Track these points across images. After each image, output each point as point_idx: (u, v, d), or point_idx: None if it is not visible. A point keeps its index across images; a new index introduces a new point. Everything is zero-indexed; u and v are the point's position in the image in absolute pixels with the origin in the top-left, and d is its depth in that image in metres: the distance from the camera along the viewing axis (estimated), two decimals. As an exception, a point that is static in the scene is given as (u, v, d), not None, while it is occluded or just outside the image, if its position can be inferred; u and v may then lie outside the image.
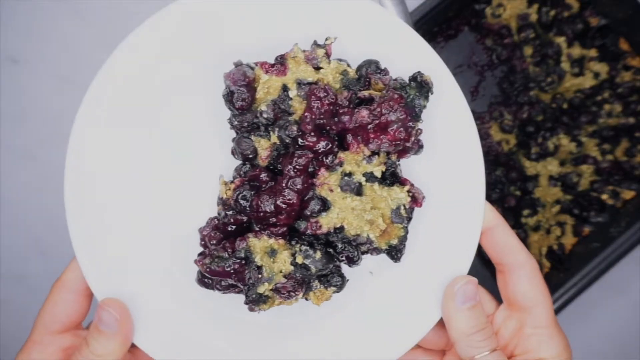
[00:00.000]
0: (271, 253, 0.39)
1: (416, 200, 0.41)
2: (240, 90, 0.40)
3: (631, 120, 0.74)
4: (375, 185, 0.40)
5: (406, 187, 0.40)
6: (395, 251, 0.41)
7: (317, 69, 0.40)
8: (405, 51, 0.42)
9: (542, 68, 0.76)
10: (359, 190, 0.40)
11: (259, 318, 0.43)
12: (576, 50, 0.75)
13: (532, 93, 0.76)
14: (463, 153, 0.42)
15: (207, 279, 0.40)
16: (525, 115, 0.76)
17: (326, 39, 0.41)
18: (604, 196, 0.74)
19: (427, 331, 0.42)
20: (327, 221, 0.39)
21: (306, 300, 0.41)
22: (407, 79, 0.40)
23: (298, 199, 0.39)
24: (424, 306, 0.42)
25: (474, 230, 0.42)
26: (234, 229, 0.41)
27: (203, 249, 0.41)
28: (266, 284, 0.39)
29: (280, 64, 0.40)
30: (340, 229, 0.39)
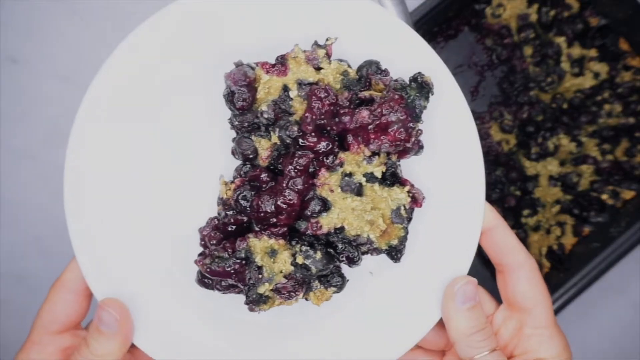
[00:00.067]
0: (271, 253, 0.39)
1: (416, 200, 0.41)
2: (241, 90, 0.40)
3: (631, 120, 0.74)
4: (376, 186, 0.40)
5: (406, 188, 0.40)
6: (395, 251, 0.41)
7: (318, 69, 0.40)
8: (406, 51, 0.42)
9: (542, 68, 0.76)
10: (359, 191, 0.40)
11: (259, 318, 0.43)
12: (576, 50, 0.75)
13: (532, 93, 0.76)
14: (463, 153, 0.42)
15: (207, 279, 0.40)
16: (525, 115, 0.76)
17: (327, 40, 0.40)
18: (604, 196, 0.74)
19: (427, 331, 0.42)
20: (328, 221, 0.39)
21: (306, 300, 0.41)
22: (408, 79, 0.40)
23: (298, 199, 0.39)
24: (423, 306, 0.42)
25: (473, 231, 0.42)
26: (234, 229, 0.41)
27: (203, 249, 0.41)
28: (266, 284, 0.39)
29: (281, 64, 0.40)
30: (341, 230, 0.39)
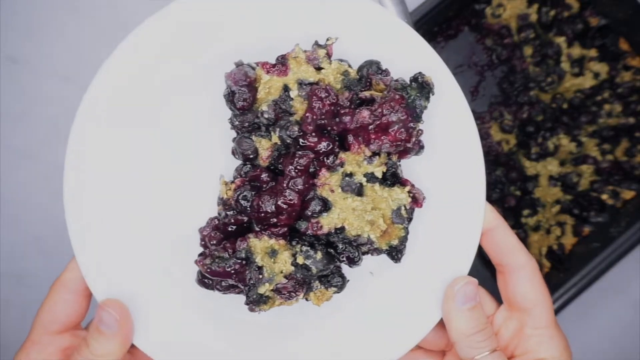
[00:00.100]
0: (272, 253, 0.39)
1: (417, 200, 0.41)
2: (241, 90, 0.39)
3: (631, 120, 0.74)
4: (376, 186, 0.40)
5: (407, 188, 0.40)
6: (395, 252, 0.41)
7: (318, 69, 0.40)
8: (406, 51, 0.42)
9: (542, 68, 0.76)
10: (359, 191, 0.40)
11: (259, 318, 0.43)
12: (576, 50, 0.75)
13: (532, 93, 0.76)
14: (464, 153, 0.42)
15: (208, 279, 0.40)
16: (525, 115, 0.75)
17: (327, 39, 0.40)
18: (604, 196, 0.74)
19: (428, 332, 0.42)
20: (328, 222, 0.39)
21: (306, 300, 0.41)
22: (408, 79, 0.40)
23: (299, 199, 0.39)
24: (424, 307, 0.42)
25: (474, 231, 0.42)
26: (235, 229, 0.40)
27: (203, 249, 0.41)
28: (267, 284, 0.39)
29: (282, 64, 0.40)
30: (341, 230, 0.39)
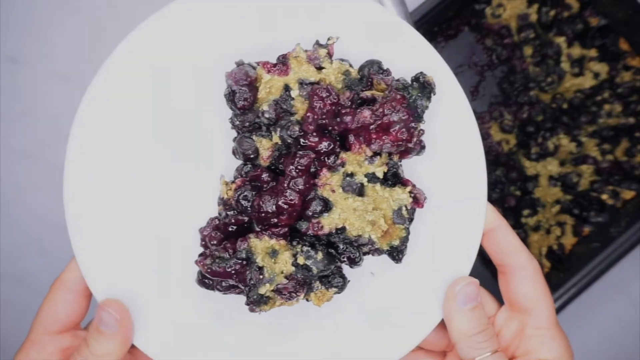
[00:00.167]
0: (272, 254, 0.39)
1: (418, 201, 0.41)
2: (242, 89, 0.39)
3: (631, 120, 0.74)
4: (377, 186, 0.40)
5: (408, 188, 0.40)
6: (396, 252, 0.41)
7: (319, 68, 0.40)
8: (407, 51, 0.42)
9: (542, 68, 0.76)
10: (360, 191, 0.40)
11: (259, 318, 0.43)
12: (576, 50, 0.75)
13: (532, 93, 0.76)
14: (465, 153, 0.42)
15: (208, 279, 0.40)
16: (525, 115, 0.75)
17: (328, 39, 0.40)
18: (604, 196, 0.74)
19: (429, 332, 0.42)
20: (329, 222, 0.39)
21: (307, 301, 0.41)
22: (410, 79, 0.40)
23: (300, 199, 0.38)
24: (425, 307, 0.42)
25: (475, 231, 0.42)
26: (235, 229, 0.40)
27: (204, 250, 0.41)
28: (267, 284, 0.39)
29: (282, 63, 0.40)
30: (342, 230, 0.39)
